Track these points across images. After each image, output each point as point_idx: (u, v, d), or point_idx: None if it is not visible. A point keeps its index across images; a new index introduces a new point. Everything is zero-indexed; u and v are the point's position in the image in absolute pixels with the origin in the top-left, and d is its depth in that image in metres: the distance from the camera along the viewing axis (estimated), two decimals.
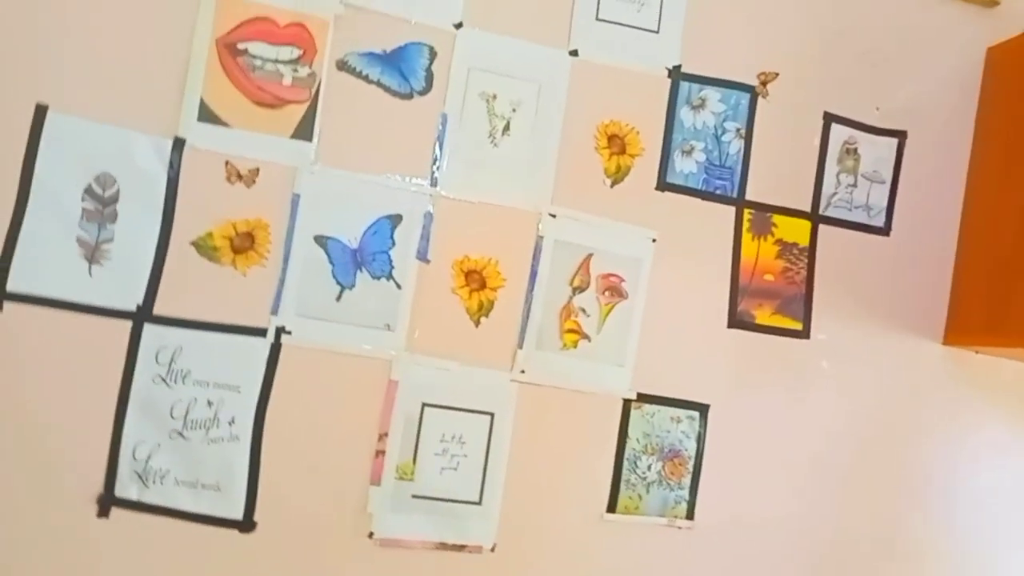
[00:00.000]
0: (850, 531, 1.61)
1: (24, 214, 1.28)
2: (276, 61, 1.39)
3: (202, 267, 1.35)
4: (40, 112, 1.29)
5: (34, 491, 1.28)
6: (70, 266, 1.30)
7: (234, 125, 1.37)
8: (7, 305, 1.27)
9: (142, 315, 1.32)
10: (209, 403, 1.34)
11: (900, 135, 1.65)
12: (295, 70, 1.40)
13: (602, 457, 1.49)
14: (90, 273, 1.31)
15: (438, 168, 1.44)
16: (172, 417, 1.32)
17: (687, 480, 1.52)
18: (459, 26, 1.46)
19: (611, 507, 1.48)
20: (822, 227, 1.60)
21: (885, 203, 1.64)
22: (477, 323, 1.45)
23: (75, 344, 1.29)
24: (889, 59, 1.66)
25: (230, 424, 1.34)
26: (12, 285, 1.27)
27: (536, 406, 1.46)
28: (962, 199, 1.68)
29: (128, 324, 1.31)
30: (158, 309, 1.33)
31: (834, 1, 1.63)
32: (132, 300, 1.32)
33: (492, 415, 1.44)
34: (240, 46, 1.38)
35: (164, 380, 1.32)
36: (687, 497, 1.52)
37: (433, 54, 1.46)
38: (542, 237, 1.48)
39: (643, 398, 1.50)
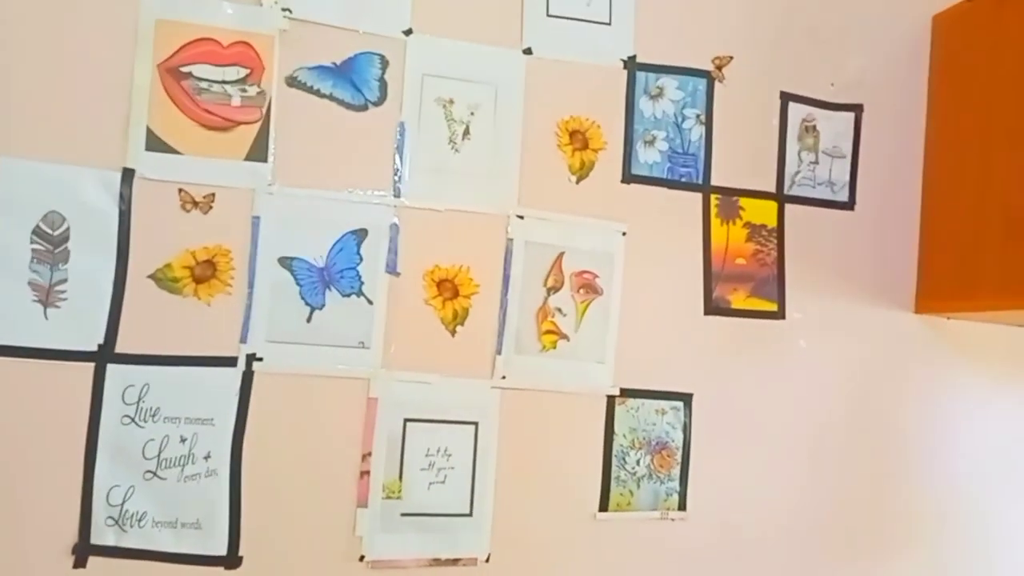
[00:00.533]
0: (844, 504, 1.61)
1: None
2: (223, 82, 1.35)
3: (163, 300, 1.30)
4: None
5: (4, 546, 1.23)
6: (24, 311, 1.24)
7: (185, 151, 1.32)
8: None
9: (104, 355, 1.27)
10: (182, 439, 1.29)
11: (856, 109, 1.66)
12: (243, 90, 1.36)
13: (590, 456, 1.47)
14: (46, 316, 1.25)
15: (400, 178, 1.41)
16: (145, 457, 1.28)
17: (676, 471, 1.51)
18: (409, 33, 1.44)
19: (603, 505, 1.47)
20: (788, 206, 1.61)
21: (847, 178, 1.65)
22: (453, 332, 1.43)
23: (36, 392, 1.24)
24: (838, 34, 1.67)
25: (206, 459, 1.30)
26: None
27: (520, 411, 1.44)
28: (922, 168, 1.70)
29: (91, 366, 1.26)
30: (120, 347, 1.28)
31: None
32: (92, 340, 1.27)
33: (476, 424, 1.42)
34: (184, 69, 1.33)
35: (133, 420, 1.28)
36: (678, 488, 1.51)
37: (385, 63, 1.43)
38: (512, 240, 1.46)
39: (626, 393, 1.49)
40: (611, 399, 1.49)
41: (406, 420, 1.39)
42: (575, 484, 1.47)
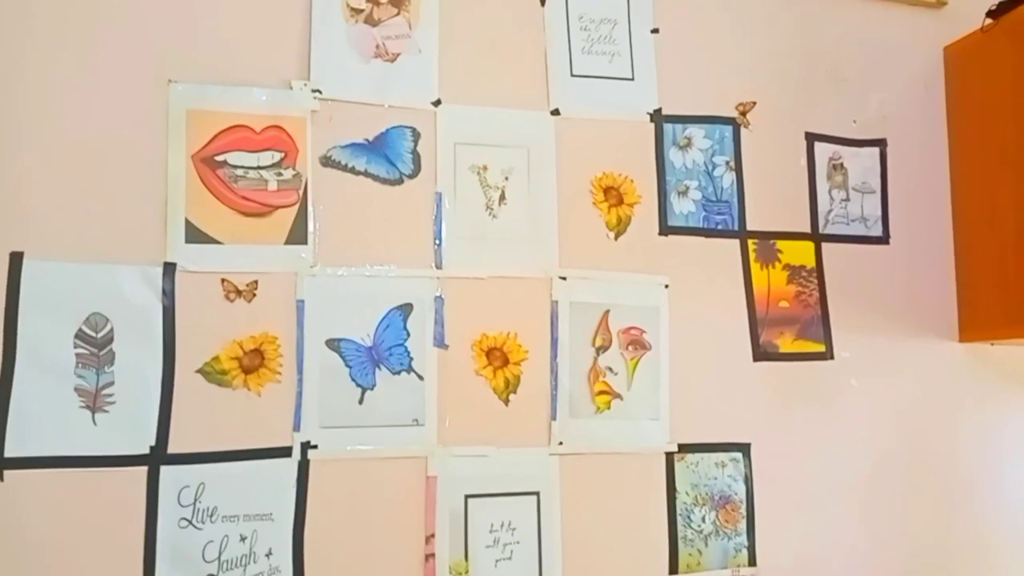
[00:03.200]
0: (911, 541, 1.59)
1: (13, 372, 1.19)
2: (258, 168, 1.34)
3: (213, 394, 1.27)
4: (16, 260, 1.21)
5: None
6: (71, 419, 1.20)
7: (225, 240, 1.30)
8: (8, 474, 1.17)
9: (157, 457, 1.23)
10: (242, 538, 1.25)
11: (880, 143, 1.68)
12: (279, 174, 1.35)
13: (655, 516, 1.44)
14: (94, 422, 1.21)
15: (440, 249, 1.40)
16: (205, 560, 1.23)
17: (743, 525, 1.48)
18: (437, 103, 1.44)
19: (673, 567, 1.43)
20: (825, 245, 1.61)
21: (879, 212, 1.66)
22: (506, 401, 1.40)
23: (89, 501, 1.20)
24: (856, 72, 1.69)
25: (268, 556, 1.25)
26: (11, 450, 1.17)
27: (580, 476, 1.41)
28: (950, 195, 1.71)
29: (143, 469, 1.22)
30: (173, 447, 1.24)
31: (794, 24, 1.67)
32: (144, 442, 1.23)
33: (537, 494, 1.38)
34: (218, 158, 1.32)
35: (191, 522, 1.23)
36: (746, 543, 1.48)
37: (416, 135, 1.42)
38: (556, 301, 1.44)
39: (684, 448, 1.46)
40: (670, 456, 1.46)
41: (467, 496, 1.35)
42: (642, 547, 1.43)
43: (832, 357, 1.58)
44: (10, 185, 1.23)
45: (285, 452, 1.29)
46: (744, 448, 1.50)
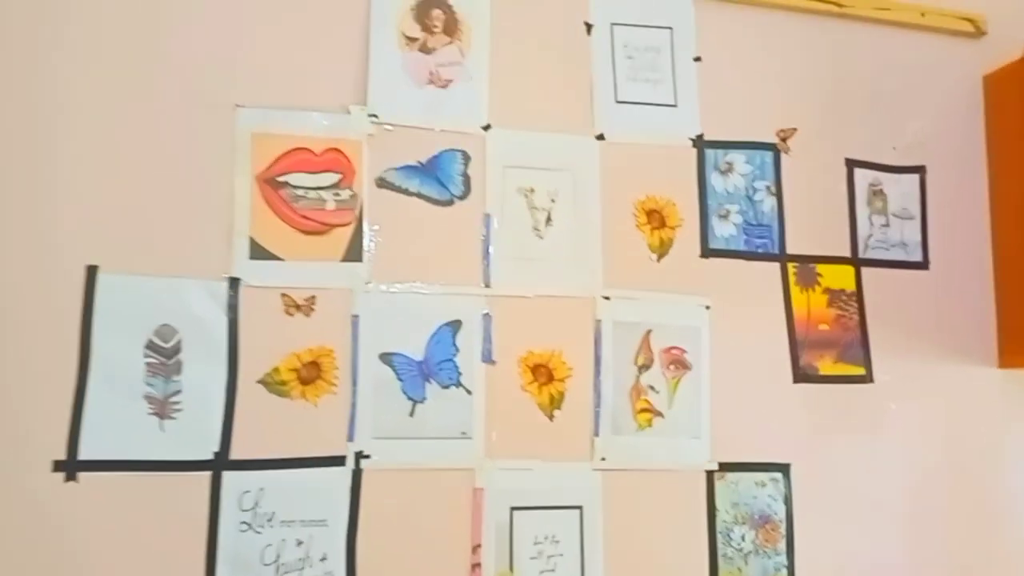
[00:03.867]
0: (952, 567, 1.59)
1: (87, 380, 1.26)
2: (317, 188, 1.41)
3: (273, 404, 1.33)
4: (91, 273, 1.29)
5: None
6: (141, 425, 1.27)
7: (286, 257, 1.37)
8: (82, 476, 1.23)
9: (220, 463, 1.29)
10: (299, 543, 1.30)
11: (920, 170, 1.71)
12: (337, 194, 1.41)
13: (695, 534, 1.47)
14: (162, 428, 1.28)
15: (489, 268, 1.45)
16: (264, 563, 1.28)
17: (782, 545, 1.49)
18: (487, 128, 1.49)
19: None
20: (864, 269, 1.63)
21: (919, 237, 1.68)
22: (551, 417, 1.44)
23: (156, 503, 1.25)
24: (895, 98, 1.72)
25: (322, 561, 1.30)
26: (85, 453, 1.24)
27: (622, 492, 1.44)
28: (989, 220, 1.73)
29: (207, 475, 1.28)
30: (235, 454, 1.30)
31: (833, 51, 1.70)
32: (208, 449, 1.29)
33: (581, 508, 1.42)
34: (280, 179, 1.39)
35: (251, 526, 1.29)
36: (786, 563, 1.49)
37: (467, 158, 1.48)
38: (600, 321, 1.48)
39: (725, 467, 1.49)
40: (710, 474, 1.49)
41: (512, 508, 1.39)
42: (683, 564, 1.46)
43: (872, 380, 1.60)
44: (86, 202, 1.30)
45: (339, 461, 1.34)
46: (784, 468, 1.52)
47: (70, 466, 1.23)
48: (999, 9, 1.78)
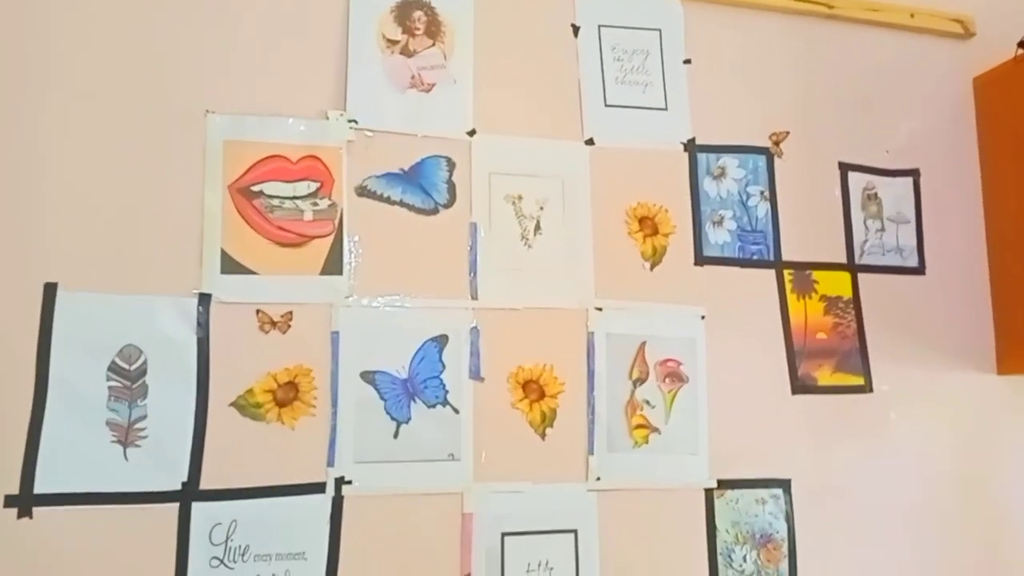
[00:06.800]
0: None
1: (45, 405, 1.16)
2: (294, 198, 1.33)
3: (246, 428, 1.24)
4: (49, 291, 1.19)
5: None
6: (103, 454, 1.18)
7: (260, 271, 1.29)
8: (37, 511, 1.14)
9: (189, 493, 1.20)
10: None
11: (913, 173, 1.67)
12: (315, 204, 1.34)
13: (694, 555, 1.40)
14: (126, 457, 1.19)
15: (476, 280, 1.38)
16: None
17: (784, 565, 1.43)
18: (472, 133, 1.43)
19: None
20: (861, 275, 1.59)
21: (914, 242, 1.64)
22: (543, 435, 1.37)
23: (119, 539, 1.16)
24: (887, 101, 1.69)
25: None
26: (41, 486, 1.14)
27: (618, 513, 1.37)
28: (984, 225, 1.70)
29: (175, 506, 1.19)
30: (205, 483, 1.21)
31: (823, 53, 1.66)
32: (176, 478, 1.20)
33: (575, 532, 1.35)
34: (255, 188, 1.31)
35: (223, 561, 1.20)
36: None
37: (451, 165, 1.41)
38: (592, 333, 1.42)
39: (724, 484, 1.43)
40: (709, 492, 1.42)
41: (503, 534, 1.32)
42: None
43: (871, 390, 1.55)
44: (44, 215, 1.21)
45: (319, 488, 1.25)
46: (785, 484, 1.46)
47: (24, 501, 1.14)
48: (988, 10, 1.76)
